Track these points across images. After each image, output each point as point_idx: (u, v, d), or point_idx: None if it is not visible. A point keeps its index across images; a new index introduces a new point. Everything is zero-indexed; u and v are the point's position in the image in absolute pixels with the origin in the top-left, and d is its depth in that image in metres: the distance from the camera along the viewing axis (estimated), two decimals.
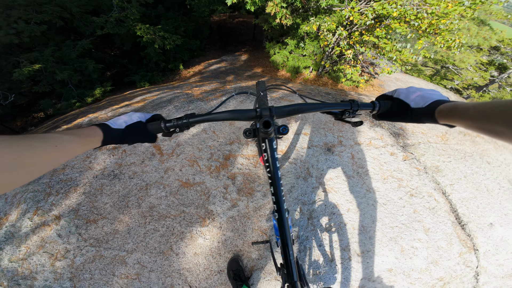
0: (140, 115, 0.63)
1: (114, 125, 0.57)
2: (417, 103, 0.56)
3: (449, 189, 2.14)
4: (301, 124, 2.40)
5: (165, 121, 0.64)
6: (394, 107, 0.63)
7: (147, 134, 0.63)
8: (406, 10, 3.75)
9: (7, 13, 4.58)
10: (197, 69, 7.79)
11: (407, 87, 0.63)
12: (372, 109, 0.67)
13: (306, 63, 6.37)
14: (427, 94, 0.56)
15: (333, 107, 0.69)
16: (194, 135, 2.18)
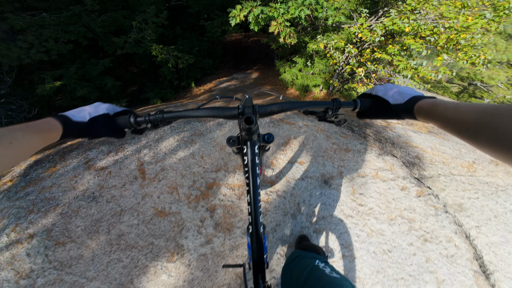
0: (108, 107, 0.58)
1: (76, 117, 0.52)
2: (396, 99, 0.57)
3: (474, 232, 1.74)
4: (297, 151, 2.16)
5: (135, 115, 0.60)
6: (374, 105, 0.63)
7: (114, 128, 0.58)
8: (419, 25, 3.48)
9: (39, 32, 5.04)
10: (207, 87, 7.96)
11: (384, 84, 0.64)
12: (354, 107, 0.65)
13: (316, 81, 6.19)
14: (404, 90, 0.57)
15: (315, 105, 0.67)
16: (181, 159, 2.06)
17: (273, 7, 3.89)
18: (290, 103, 0.64)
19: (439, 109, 0.43)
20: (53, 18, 5.07)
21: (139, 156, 2.10)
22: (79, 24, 5.43)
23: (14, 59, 4.89)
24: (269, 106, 0.62)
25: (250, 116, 0.56)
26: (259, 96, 6.78)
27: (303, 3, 3.66)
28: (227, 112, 0.61)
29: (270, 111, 0.62)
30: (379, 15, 4.56)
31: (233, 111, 0.60)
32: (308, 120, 3.02)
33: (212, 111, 0.61)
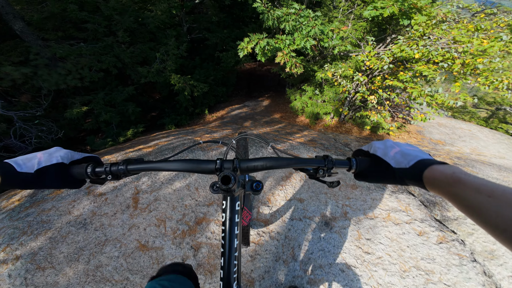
0: (65, 155, 0.54)
1: (22, 167, 0.48)
2: (398, 162, 0.49)
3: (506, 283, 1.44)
4: (298, 186, 2.01)
5: (94, 165, 0.56)
6: (372, 166, 0.56)
7: (68, 179, 0.54)
8: (429, 51, 3.37)
9: (77, 60, 5.69)
10: (220, 114, 8.23)
11: (383, 141, 0.57)
12: (349, 167, 0.59)
13: (326, 109, 6.12)
14: (408, 151, 0.50)
15: (305, 163, 0.61)
16: (176, 190, 2.02)
17: (279, 38, 4.06)
18: (277, 159, 0.59)
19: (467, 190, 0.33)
20: (89, 48, 5.77)
21: (137, 184, 2.10)
22: (110, 54, 6.10)
23: (53, 84, 5.49)
24: (252, 161, 0.57)
25: (228, 174, 0.50)
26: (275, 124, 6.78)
27: (309, 33, 3.78)
28: (203, 166, 0.56)
29: (253, 168, 0.57)
30: (387, 43, 4.54)
31: (209, 165, 0.56)
32: (314, 151, 2.89)
33: (185, 164, 0.56)
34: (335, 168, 0.59)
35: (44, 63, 5.41)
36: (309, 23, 3.79)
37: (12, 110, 5.60)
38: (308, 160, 0.60)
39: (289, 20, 3.81)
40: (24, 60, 5.78)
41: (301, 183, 2.01)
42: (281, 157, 0.61)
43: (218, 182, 0.50)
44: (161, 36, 7.16)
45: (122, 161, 0.56)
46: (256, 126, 6.13)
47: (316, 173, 0.61)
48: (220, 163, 0.56)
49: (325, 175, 0.61)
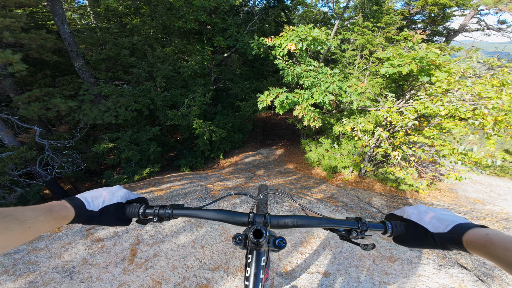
0: (124, 195, 0.59)
1: (90, 205, 0.52)
2: (436, 227, 0.49)
3: None
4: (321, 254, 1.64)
5: (145, 206, 0.60)
6: (410, 231, 0.55)
7: (122, 217, 0.58)
8: (456, 107, 3.23)
9: (117, 99, 6.22)
10: (234, 160, 8.23)
11: (416, 206, 0.57)
12: (384, 231, 0.57)
13: (345, 163, 5.87)
14: (443, 216, 0.50)
15: (337, 224, 0.60)
16: (180, 246, 1.74)
17: (298, 93, 4.23)
18: (307, 218, 0.60)
19: (498, 249, 0.38)
20: (130, 90, 6.41)
21: (140, 232, 1.87)
22: (146, 97, 6.71)
23: (91, 119, 5.90)
24: (283, 218, 0.59)
25: (260, 228, 0.52)
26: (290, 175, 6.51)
27: (327, 89, 3.91)
28: (236, 218, 0.59)
29: (283, 224, 0.59)
30: (407, 98, 4.55)
31: (242, 218, 0.59)
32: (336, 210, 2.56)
33: (221, 214, 0.59)
34: (369, 230, 0.58)
35: (90, 99, 6.03)
36: (327, 79, 3.99)
37: (47, 139, 6.02)
38: (340, 221, 0.60)
39: (308, 76, 4.05)
40: (74, 94, 6.50)
41: (325, 251, 1.63)
42: (311, 216, 0.60)
43: (250, 235, 0.51)
44: (191, 84, 7.99)
45: (169, 206, 0.60)
46: (269, 176, 5.89)
47: (349, 234, 0.59)
48: (253, 216, 0.57)
49: (358, 237, 0.59)
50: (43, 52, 5.64)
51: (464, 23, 9.16)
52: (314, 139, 8.49)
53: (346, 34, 6.59)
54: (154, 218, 0.59)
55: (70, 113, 6.07)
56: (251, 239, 0.51)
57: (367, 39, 5.69)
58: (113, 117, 6.22)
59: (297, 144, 10.50)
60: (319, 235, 1.85)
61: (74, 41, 6.35)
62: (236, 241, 0.56)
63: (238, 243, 0.56)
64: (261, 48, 4.96)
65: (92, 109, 6.04)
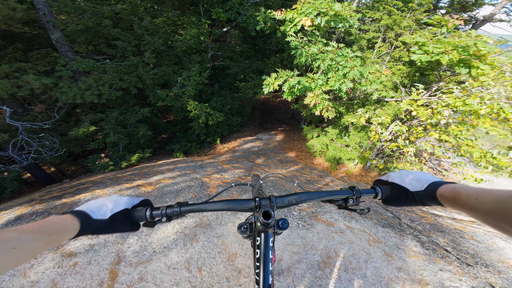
0: (127, 200, 0.57)
1: (96, 214, 0.50)
2: (414, 186, 0.56)
3: None
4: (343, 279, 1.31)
5: (151, 208, 0.58)
6: (394, 192, 0.62)
7: (131, 222, 0.56)
8: (501, 107, 2.69)
9: (100, 76, 5.37)
10: (231, 146, 7.63)
11: (399, 171, 0.63)
12: (375, 195, 0.64)
13: (350, 155, 5.39)
14: (420, 176, 0.56)
15: (335, 195, 0.65)
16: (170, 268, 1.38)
17: (311, 77, 3.54)
18: (308, 193, 0.64)
19: (462, 197, 0.43)
20: (114, 66, 5.51)
21: (122, 247, 1.47)
22: (133, 74, 5.82)
23: (70, 98, 5.09)
24: (286, 197, 0.62)
25: (268, 210, 0.53)
26: (291, 165, 6.05)
27: (346, 75, 3.24)
28: (243, 205, 0.60)
29: (287, 203, 0.62)
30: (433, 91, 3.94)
31: (249, 203, 0.60)
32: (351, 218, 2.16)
33: (228, 204, 0.60)
34: (362, 196, 0.64)
35: (68, 75, 5.16)
36: (347, 63, 3.29)
37: (21, 120, 5.23)
38: (337, 192, 0.65)
39: (325, 59, 3.33)
40: (50, 70, 5.60)
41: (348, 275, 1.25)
42: (311, 191, 0.65)
43: (260, 217, 0.52)
44: (186, 61, 7.02)
45: (176, 204, 0.60)
46: (270, 166, 5.40)
47: (346, 203, 0.64)
48: (259, 201, 0.60)
49: (354, 204, 0.63)
50: (12, 23, 4.66)
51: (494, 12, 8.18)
52: (317, 126, 7.92)
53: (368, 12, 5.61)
54: (162, 218, 0.58)
55: (46, 91, 5.22)
56: (261, 221, 0.52)
57: (394, 19, 4.79)
58: (95, 96, 5.39)
59: (298, 130, 9.94)
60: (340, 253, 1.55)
61: (49, 11, 5.26)
62: (242, 230, 0.58)
63: (243, 232, 0.58)
64: (267, 23, 4.11)
65: (71, 86, 5.17)
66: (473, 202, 0.40)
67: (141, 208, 0.57)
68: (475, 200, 0.40)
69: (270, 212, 0.53)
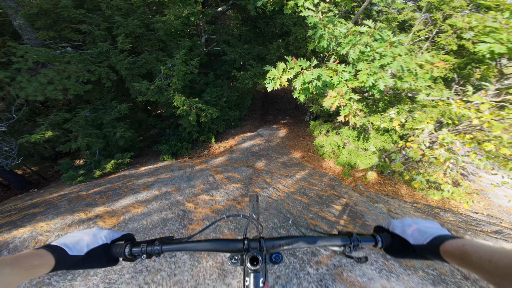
0: (107, 234, 0.56)
1: (72, 250, 0.49)
2: (416, 239, 0.53)
3: None
4: None
5: (131, 245, 0.56)
6: (395, 243, 0.58)
7: (109, 258, 0.55)
8: None
9: (64, 67, 4.34)
10: (228, 145, 6.69)
11: (401, 219, 0.60)
12: (375, 243, 0.60)
13: (369, 161, 4.49)
14: (425, 228, 0.53)
15: (331, 241, 0.61)
16: None
17: (333, 69, 2.54)
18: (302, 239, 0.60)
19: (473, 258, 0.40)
20: (77, 54, 4.43)
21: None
22: (104, 63, 4.75)
23: (30, 94, 4.15)
24: (278, 240, 0.58)
25: (256, 255, 0.52)
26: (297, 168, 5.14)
27: (386, 67, 2.24)
28: (231, 246, 0.57)
29: (278, 247, 0.58)
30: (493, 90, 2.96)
31: (237, 245, 0.57)
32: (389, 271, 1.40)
33: (214, 244, 0.57)
34: (360, 245, 0.59)
35: (28, 67, 4.14)
36: (385, 51, 2.28)
37: None
38: (334, 238, 0.61)
39: (355, 44, 2.31)
40: (7, 62, 4.57)
41: None
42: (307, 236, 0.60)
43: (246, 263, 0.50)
44: (173, 46, 5.87)
45: (158, 241, 0.56)
46: (272, 172, 4.53)
47: (343, 250, 0.60)
48: (248, 243, 0.56)
49: (351, 251, 0.60)
50: None
51: None
52: (326, 121, 6.94)
53: None
54: (142, 255, 0.55)
55: (3, 86, 4.25)
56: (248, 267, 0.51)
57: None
58: (60, 91, 4.37)
59: (302, 123, 8.95)
60: None
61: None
62: (232, 261, 0.55)
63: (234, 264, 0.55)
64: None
65: (30, 81, 4.18)
66: (486, 265, 0.38)
67: (120, 244, 0.56)
68: (488, 263, 0.37)
69: (258, 257, 0.51)
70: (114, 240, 0.56)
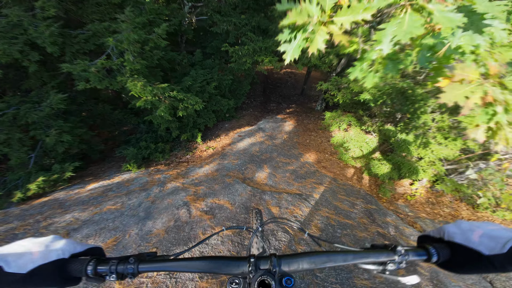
0: (65, 246, 0.41)
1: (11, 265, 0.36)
2: (489, 247, 0.38)
3: None
4: None
5: (96, 261, 0.42)
6: (457, 255, 0.42)
7: (67, 276, 0.42)
8: None
9: None
10: (219, 145, 5.11)
11: (455, 223, 0.44)
12: (428, 257, 0.44)
13: (424, 174, 2.98)
14: (494, 231, 0.39)
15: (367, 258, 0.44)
16: None
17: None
18: (327, 255, 0.44)
19: None
20: None
21: None
22: (20, 39, 3.07)
23: None
24: (296, 259, 0.43)
25: (266, 279, 0.39)
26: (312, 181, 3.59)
27: None
28: (232, 267, 0.42)
29: (296, 268, 0.42)
30: None
31: (240, 266, 0.42)
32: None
33: (210, 263, 0.42)
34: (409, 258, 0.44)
35: None
36: None
37: None
38: (372, 254, 0.45)
39: None
40: None
41: None
42: (330, 251, 0.45)
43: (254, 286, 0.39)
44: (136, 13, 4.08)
45: (133, 258, 0.42)
46: (280, 191, 3.03)
47: (385, 267, 0.44)
48: (254, 262, 0.42)
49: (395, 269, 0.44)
50: None
51: None
52: (346, 111, 5.33)
53: None
54: (111, 276, 0.42)
55: None
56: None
57: None
58: None
59: (312, 112, 7.31)
60: None
61: None
62: (233, 286, 0.41)
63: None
64: None
65: None
66: None
67: (83, 259, 0.42)
68: None
69: (270, 281, 0.39)
70: (75, 254, 0.43)
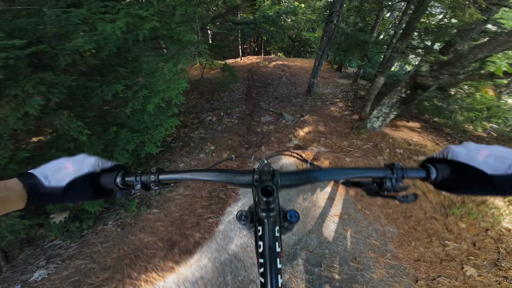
0: (95, 162, 0.44)
1: (50, 180, 0.39)
2: (494, 167, 0.36)
3: None
4: None
5: (123, 174, 0.45)
6: (457, 174, 0.41)
7: (101, 188, 0.45)
8: None
9: None
10: None
11: (463, 144, 0.42)
12: (426, 176, 0.43)
13: None
14: (502, 153, 0.36)
15: (365, 173, 0.45)
16: None
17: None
18: (324, 170, 0.46)
19: None
20: None
21: None
22: None
23: None
24: (294, 174, 0.45)
25: (269, 186, 0.41)
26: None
27: None
28: (238, 177, 0.45)
29: (295, 181, 0.44)
30: None
31: (246, 176, 0.44)
32: None
33: (220, 174, 0.45)
34: (406, 178, 0.43)
35: None
36: None
37: None
38: (369, 169, 0.45)
39: None
40: None
41: None
42: (326, 168, 0.47)
43: (258, 193, 0.40)
44: None
45: (155, 169, 0.46)
46: None
47: (381, 186, 0.44)
48: (258, 173, 0.44)
49: (392, 188, 0.43)
50: None
51: None
52: None
53: None
54: (136, 185, 0.45)
55: None
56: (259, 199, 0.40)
57: None
58: None
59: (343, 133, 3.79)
60: None
61: None
62: (242, 218, 0.46)
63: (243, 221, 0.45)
64: None
65: None
66: None
67: (112, 172, 0.45)
68: None
69: (272, 188, 0.40)
70: (104, 169, 0.46)
